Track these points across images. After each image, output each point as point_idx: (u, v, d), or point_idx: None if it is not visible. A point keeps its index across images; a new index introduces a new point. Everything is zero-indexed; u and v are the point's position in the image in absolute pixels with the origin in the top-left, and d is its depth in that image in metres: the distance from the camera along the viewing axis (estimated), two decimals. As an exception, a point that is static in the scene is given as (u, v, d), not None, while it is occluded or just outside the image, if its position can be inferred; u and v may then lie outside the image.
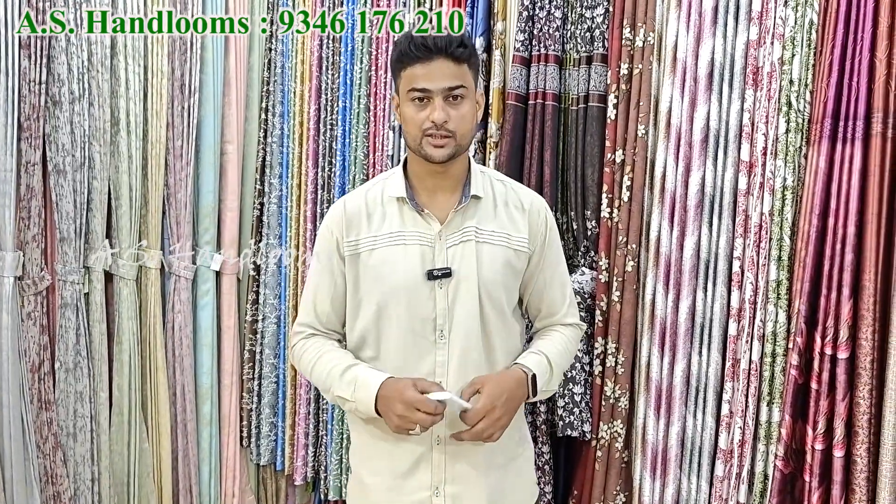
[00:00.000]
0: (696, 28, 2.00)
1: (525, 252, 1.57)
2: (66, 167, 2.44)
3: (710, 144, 1.98)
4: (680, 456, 2.05)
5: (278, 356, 2.94)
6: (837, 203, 1.77)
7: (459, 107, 1.46)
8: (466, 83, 1.46)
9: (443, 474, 1.52)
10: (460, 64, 1.45)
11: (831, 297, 1.77)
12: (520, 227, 1.56)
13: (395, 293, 1.50)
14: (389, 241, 1.52)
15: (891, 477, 1.69)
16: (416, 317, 1.50)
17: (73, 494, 2.55)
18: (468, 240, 1.52)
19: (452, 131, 1.45)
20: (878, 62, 1.71)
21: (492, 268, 1.52)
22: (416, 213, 1.52)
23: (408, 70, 1.45)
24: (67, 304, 2.49)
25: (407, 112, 1.47)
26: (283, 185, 2.91)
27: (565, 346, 1.61)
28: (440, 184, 1.54)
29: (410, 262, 1.50)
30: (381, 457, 1.55)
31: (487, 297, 1.52)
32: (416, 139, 1.47)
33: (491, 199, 1.57)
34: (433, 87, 1.43)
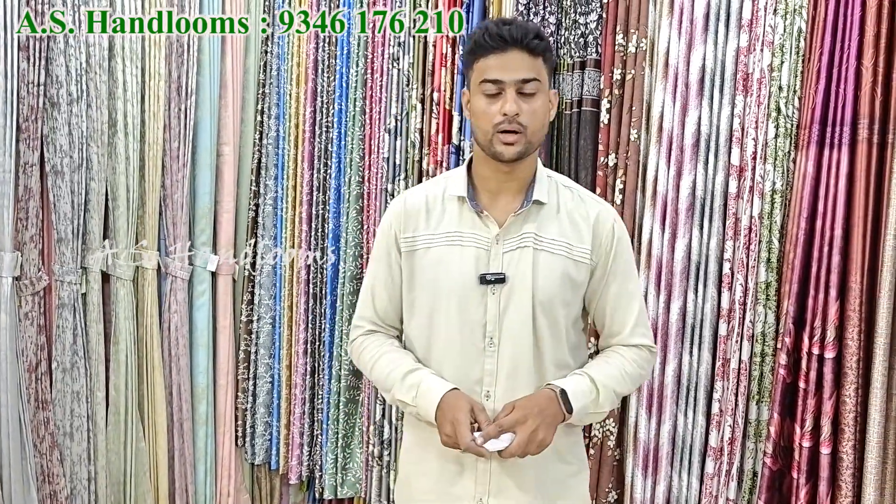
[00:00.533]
0: (687, 35, 2.04)
1: (586, 264, 1.48)
2: (64, 168, 2.46)
3: (701, 149, 2.02)
4: (671, 454, 2.09)
5: (273, 356, 2.97)
6: (825, 206, 1.81)
7: (532, 101, 1.40)
8: (540, 77, 1.41)
9: (487, 486, 1.47)
10: (535, 57, 1.40)
11: (819, 298, 1.81)
12: (583, 237, 1.48)
13: (446, 294, 1.46)
14: (446, 241, 1.48)
15: (875, 473, 1.74)
16: (466, 321, 1.46)
17: (69, 493, 2.57)
18: (526, 246, 1.45)
19: (524, 126, 1.39)
20: (864, 69, 1.75)
21: (548, 277, 1.45)
22: (474, 215, 1.48)
23: (481, 61, 1.41)
24: (65, 304, 2.51)
25: (478, 105, 1.42)
26: (278, 186, 2.94)
27: (622, 368, 1.49)
28: (504, 186, 1.48)
29: (465, 264, 1.46)
30: (431, 459, 1.52)
31: (541, 308, 1.45)
32: (487, 134, 1.41)
33: (555, 206, 1.50)
34: (506, 78, 1.38)
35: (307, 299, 2.82)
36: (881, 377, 1.74)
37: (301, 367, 2.85)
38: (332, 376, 2.75)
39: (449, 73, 2.47)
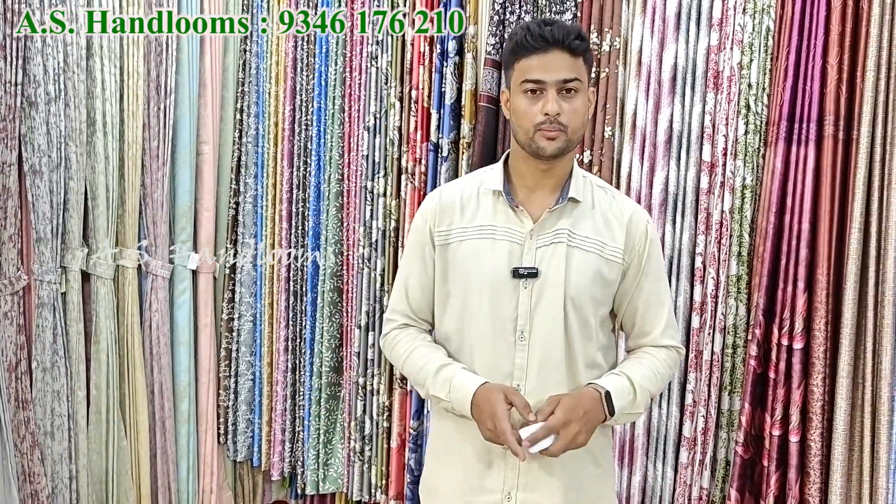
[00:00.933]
0: (660, 33, 2.08)
1: (618, 263, 1.49)
2: (43, 168, 2.46)
3: (673, 145, 2.07)
4: (646, 444, 2.13)
5: (254, 354, 2.98)
6: (793, 201, 1.86)
7: (573, 100, 1.41)
8: (581, 77, 1.42)
9: (515, 480, 1.47)
10: (576, 57, 1.41)
11: (788, 290, 1.86)
12: (616, 237, 1.49)
13: (478, 287, 1.47)
14: (479, 234, 1.49)
15: (842, 460, 1.79)
16: (498, 314, 1.46)
17: (50, 493, 2.57)
18: (560, 242, 1.46)
19: (565, 125, 1.40)
20: (829, 68, 1.81)
21: (581, 274, 1.46)
22: (509, 209, 1.48)
23: (522, 61, 1.42)
24: (44, 303, 2.51)
25: (519, 105, 1.43)
26: (258, 184, 2.95)
27: (654, 369, 1.50)
28: (541, 182, 1.49)
29: (498, 257, 1.47)
30: (459, 452, 1.52)
31: (572, 304, 1.45)
32: (528, 133, 1.42)
33: (589, 205, 1.51)
34: (548, 78, 1.39)
35: (288, 297, 2.84)
36: (847, 367, 1.79)
37: (282, 365, 2.86)
38: (313, 373, 2.77)
39: (427, 71, 2.50)
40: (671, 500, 2.09)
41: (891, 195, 1.74)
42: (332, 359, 2.76)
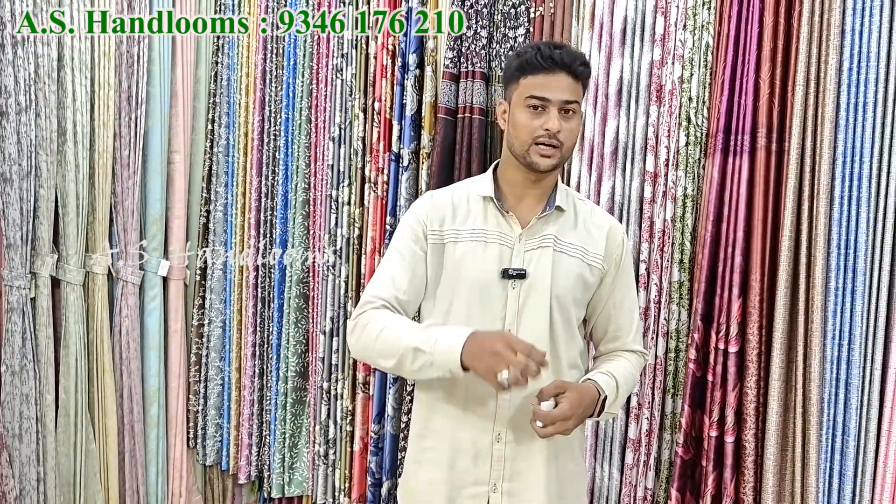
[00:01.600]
0: (607, 48, 2.16)
1: (599, 269, 1.60)
2: (13, 176, 2.52)
3: (619, 156, 2.14)
4: (594, 446, 2.19)
5: (223, 359, 3.04)
6: (729, 210, 1.93)
7: (570, 120, 1.51)
8: (579, 100, 1.53)
9: (501, 471, 1.54)
10: (577, 81, 1.52)
11: (724, 296, 1.93)
12: (598, 244, 1.60)
13: (469, 287, 1.54)
14: (471, 237, 1.57)
15: (774, 460, 1.85)
16: (487, 314, 1.53)
17: (18, 494, 2.62)
18: (546, 246, 1.56)
19: (562, 142, 1.50)
20: (762, 82, 1.88)
21: (565, 277, 1.55)
22: (499, 214, 1.57)
23: (528, 78, 1.51)
24: (14, 308, 2.56)
25: (520, 118, 1.51)
26: (228, 193, 3.01)
27: (631, 372, 1.61)
28: (529, 192, 1.59)
29: (488, 259, 1.55)
30: (445, 448, 1.56)
31: (557, 305, 1.54)
32: (525, 145, 1.51)
33: (573, 214, 1.62)
34: (552, 97, 1.49)
35: (255, 303, 2.90)
36: (779, 370, 1.85)
37: (249, 370, 2.92)
38: (280, 378, 2.83)
39: (389, 83, 2.57)
40: (618, 500, 2.15)
41: (819, 204, 1.81)
42: (298, 364, 2.81)
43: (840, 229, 1.80)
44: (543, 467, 1.54)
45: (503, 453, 1.54)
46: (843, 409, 1.81)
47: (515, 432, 1.53)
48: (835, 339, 1.81)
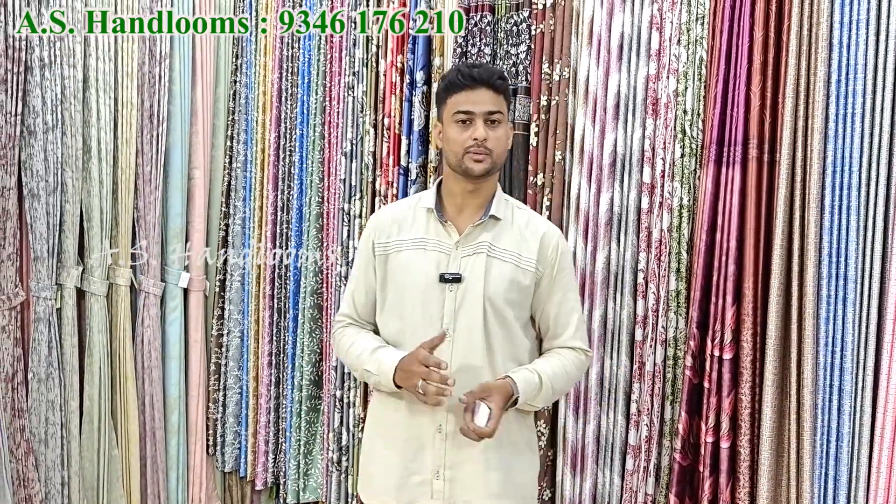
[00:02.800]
0: (604, 63, 2.21)
1: (532, 271, 1.72)
2: (40, 191, 2.64)
3: (617, 168, 2.19)
4: (596, 452, 2.23)
5: (242, 368, 3.13)
6: (723, 220, 1.98)
7: (496, 129, 1.68)
8: (503, 111, 1.70)
9: (443, 460, 1.68)
10: (498, 94, 1.69)
11: (719, 304, 1.97)
12: (531, 249, 1.73)
13: (411, 291, 1.71)
14: (413, 246, 1.74)
15: (769, 466, 1.88)
16: (427, 314, 1.69)
17: (44, 497, 2.72)
18: (481, 252, 1.70)
19: (490, 149, 1.66)
20: (752, 95, 1.92)
21: (498, 280, 1.69)
22: (439, 224, 1.73)
23: (454, 97, 1.68)
24: (40, 318, 2.68)
25: (451, 133, 1.68)
26: (246, 207, 3.12)
27: (563, 367, 1.72)
28: (468, 202, 1.74)
29: (427, 265, 1.71)
30: (394, 438, 1.73)
31: (491, 306, 1.68)
32: (458, 155, 1.67)
33: (509, 222, 1.75)
34: (476, 110, 1.66)
35: (272, 313, 2.99)
36: (772, 376, 1.89)
37: (266, 378, 3.01)
38: (295, 386, 2.91)
39: (398, 100, 2.65)
40: (618, 506, 2.19)
41: (810, 213, 1.84)
42: (312, 373, 2.89)
43: (831, 237, 1.83)
44: (482, 455, 1.67)
45: (444, 443, 1.68)
46: (837, 414, 1.83)
47: (455, 424, 1.65)
48: (827, 345, 1.84)
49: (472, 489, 1.68)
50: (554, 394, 1.72)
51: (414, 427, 1.70)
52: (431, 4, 2.59)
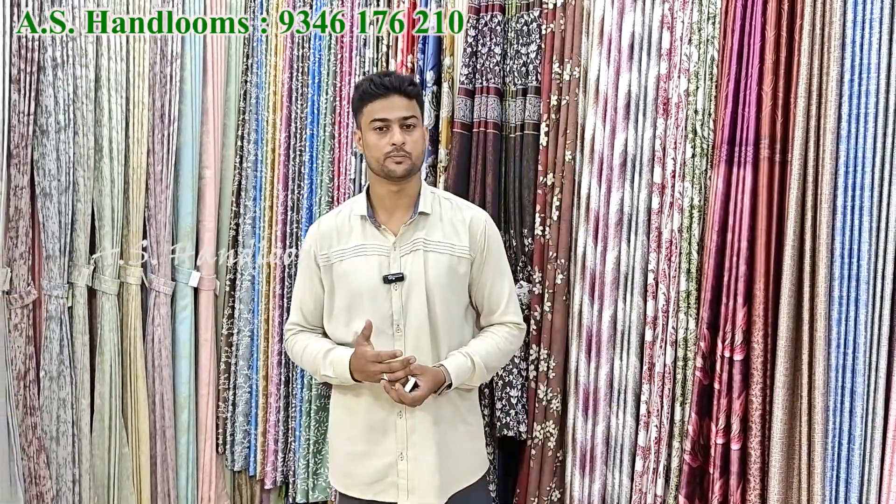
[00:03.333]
0: (615, 63, 2.21)
1: (466, 258, 1.86)
2: (52, 190, 2.66)
3: (627, 168, 2.18)
4: (605, 453, 2.23)
5: (251, 367, 3.13)
6: (734, 220, 1.96)
7: (412, 133, 1.80)
8: (416, 114, 1.82)
9: (405, 441, 1.82)
10: (410, 99, 1.80)
11: (729, 304, 1.96)
12: (461, 237, 1.85)
13: (359, 295, 1.82)
14: (354, 253, 1.85)
15: (779, 468, 1.87)
16: (377, 314, 1.80)
17: (55, 495, 2.74)
18: (417, 249, 1.82)
19: (409, 152, 1.78)
20: (764, 94, 1.91)
21: (436, 272, 1.82)
22: (375, 229, 1.85)
23: (369, 105, 1.79)
24: (52, 316, 2.70)
25: (370, 140, 1.79)
26: (256, 207, 3.12)
27: (496, 345, 1.87)
28: (397, 203, 1.85)
29: (370, 269, 1.82)
30: (358, 428, 1.87)
31: (434, 297, 1.80)
32: (379, 160, 1.78)
33: (438, 215, 1.87)
34: (392, 116, 1.77)
35: (281, 312, 3.00)
36: (783, 377, 1.87)
37: (276, 377, 3.01)
38: (304, 385, 2.91)
39: (408, 99, 2.64)
40: (628, 508, 2.18)
41: (822, 214, 1.83)
42: (320, 371, 2.89)
43: (843, 238, 1.82)
44: (435, 436, 1.82)
45: (405, 426, 1.82)
46: (849, 417, 1.81)
47: (412, 409, 1.79)
48: (839, 347, 1.82)
49: (430, 466, 1.81)
50: (488, 371, 1.87)
51: (375, 415, 1.84)
52: (442, 3, 2.59)
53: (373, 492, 1.87)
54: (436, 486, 1.82)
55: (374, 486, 1.86)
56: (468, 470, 1.92)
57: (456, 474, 1.88)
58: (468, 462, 1.92)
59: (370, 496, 1.87)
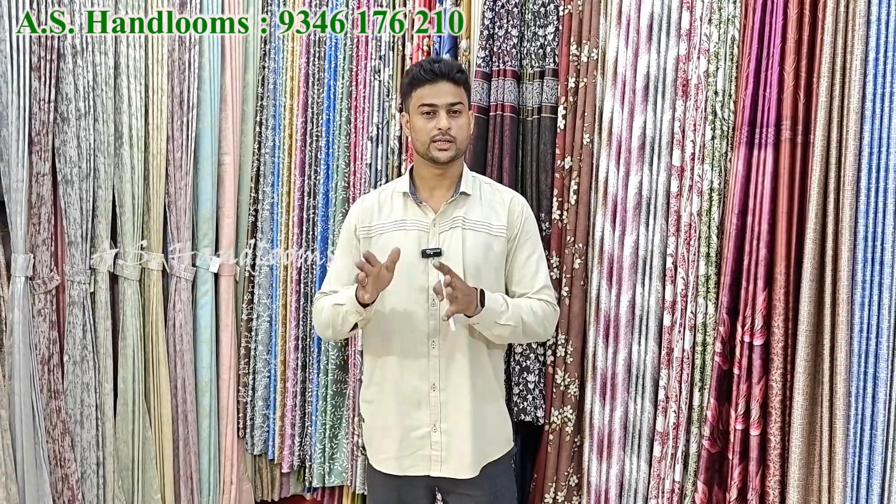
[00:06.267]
0: (633, 44, 2.17)
1: (503, 237, 1.89)
2: (74, 177, 2.68)
3: (646, 151, 2.15)
4: (623, 438, 2.21)
5: (270, 352, 3.16)
6: (755, 203, 1.93)
7: (458, 118, 1.84)
8: (463, 101, 1.85)
9: (438, 414, 1.86)
10: (458, 86, 1.84)
11: (749, 289, 1.93)
12: (500, 218, 1.90)
13: (397, 268, 1.78)
14: (394, 227, 1.89)
15: (799, 454, 1.84)
16: (413, 288, 1.84)
17: (80, 477, 2.78)
18: (456, 227, 1.86)
19: (454, 137, 1.82)
20: (786, 74, 1.87)
21: (474, 249, 1.85)
22: (416, 205, 1.89)
23: (418, 90, 1.83)
24: (75, 302, 2.73)
25: (417, 124, 1.84)
26: (274, 192, 3.13)
27: (529, 304, 1.86)
28: (439, 183, 1.90)
29: (409, 243, 1.85)
30: (389, 400, 1.89)
31: (469, 273, 1.83)
32: (425, 144, 1.83)
33: (478, 196, 1.92)
34: (439, 101, 1.81)
35: (298, 298, 3.01)
36: (804, 363, 1.84)
37: (293, 362, 3.03)
38: (321, 370, 2.93)
39: (424, 84, 2.63)
40: (646, 493, 2.16)
41: (845, 197, 1.79)
42: (339, 357, 2.91)
43: (867, 221, 1.78)
44: (467, 403, 1.84)
45: (438, 399, 1.85)
46: (871, 403, 1.78)
47: (447, 381, 1.84)
48: (862, 332, 1.79)
49: (464, 437, 1.84)
50: (517, 320, 1.81)
51: (409, 388, 1.86)
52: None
53: (403, 466, 1.89)
54: (469, 457, 1.84)
55: (405, 461, 1.88)
56: (498, 442, 1.94)
57: (488, 446, 1.90)
58: (498, 435, 1.94)
59: (401, 472, 1.89)
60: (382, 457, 1.92)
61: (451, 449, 1.85)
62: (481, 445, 1.87)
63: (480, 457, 1.87)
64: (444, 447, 1.86)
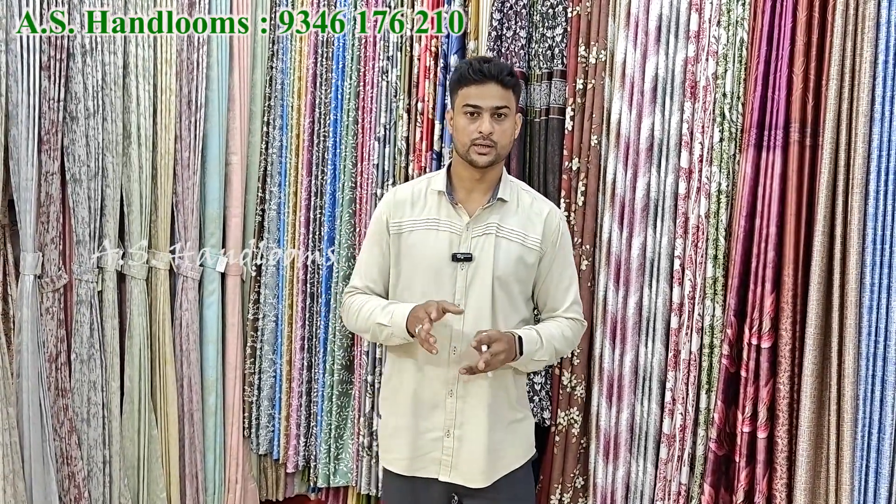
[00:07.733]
0: (642, 46, 2.17)
1: (537, 250, 1.83)
2: (82, 176, 2.69)
3: (654, 152, 2.15)
4: (629, 441, 2.21)
5: (276, 352, 3.16)
6: (763, 206, 1.93)
7: (503, 123, 1.76)
8: (510, 105, 1.78)
9: (453, 419, 1.81)
10: (506, 89, 1.76)
11: (757, 291, 1.93)
12: (536, 230, 1.83)
13: (424, 268, 1.80)
14: (426, 226, 1.83)
15: (806, 457, 1.84)
16: (440, 291, 1.78)
17: (86, 475, 2.79)
18: (490, 233, 1.80)
19: (495, 142, 1.75)
20: (795, 77, 1.87)
21: (506, 259, 1.79)
22: (451, 206, 1.83)
23: (464, 89, 1.76)
24: (82, 300, 2.74)
25: (459, 123, 1.78)
26: (281, 192, 3.14)
27: (560, 330, 1.84)
28: (476, 185, 1.83)
29: (440, 244, 1.80)
30: (406, 401, 1.85)
31: (499, 283, 1.78)
32: (465, 146, 1.77)
33: (515, 204, 1.85)
34: (484, 104, 1.74)
35: (304, 298, 3.02)
36: (812, 366, 1.84)
37: (298, 362, 3.03)
38: (326, 370, 2.93)
39: (432, 84, 2.64)
40: (652, 495, 2.16)
41: (854, 199, 1.79)
42: (344, 357, 2.91)
43: (875, 224, 1.78)
44: (484, 414, 1.80)
45: (455, 405, 1.81)
46: (879, 406, 1.78)
47: (465, 388, 1.80)
48: (870, 335, 1.79)
49: (477, 447, 1.80)
50: (551, 353, 1.81)
51: (427, 391, 1.82)
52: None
53: (413, 468, 1.86)
54: (481, 466, 1.81)
55: (416, 462, 1.85)
56: (515, 455, 1.89)
57: (505, 457, 1.86)
58: (517, 445, 1.90)
59: (410, 473, 1.87)
60: (393, 456, 1.90)
61: (462, 455, 1.82)
62: (496, 456, 1.83)
63: (495, 467, 1.83)
64: (454, 453, 1.82)
